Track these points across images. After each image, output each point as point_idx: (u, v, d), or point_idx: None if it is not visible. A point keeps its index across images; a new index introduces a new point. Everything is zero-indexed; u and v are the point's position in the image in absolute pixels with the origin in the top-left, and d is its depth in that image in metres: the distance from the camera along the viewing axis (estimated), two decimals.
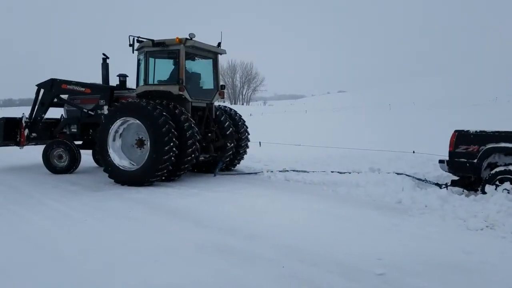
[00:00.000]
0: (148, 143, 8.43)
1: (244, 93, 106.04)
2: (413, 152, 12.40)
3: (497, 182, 6.67)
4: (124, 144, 9.09)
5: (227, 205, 6.68)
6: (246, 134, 10.89)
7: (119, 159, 8.79)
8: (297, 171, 9.81)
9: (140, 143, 8.99)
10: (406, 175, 8.66)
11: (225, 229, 5.37)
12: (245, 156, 11.17)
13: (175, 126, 8.41)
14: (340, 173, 9.35)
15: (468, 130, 7.29)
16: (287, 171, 9.88)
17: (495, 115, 24.32)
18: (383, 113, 35.22)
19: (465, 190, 7.44)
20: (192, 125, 8.71)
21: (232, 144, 10.27)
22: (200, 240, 4.94)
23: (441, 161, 7.64)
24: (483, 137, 7.06)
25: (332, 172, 9.48)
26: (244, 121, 11.03)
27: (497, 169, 6.76)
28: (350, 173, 9.20)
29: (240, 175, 10.01)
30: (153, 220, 5.87)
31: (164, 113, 8.35)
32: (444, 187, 7.62)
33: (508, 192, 6.43)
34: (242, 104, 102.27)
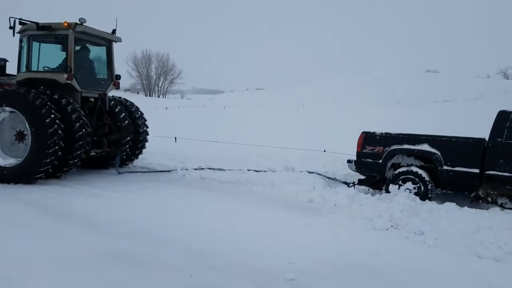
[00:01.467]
0: (30, 137, 7.58)
1: (160, 85, 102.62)
2: (324, 151, 12.83)
3: (400, 182, 7.06)
4: (3, 139, 8.11)
5: (132, 207, 6.20)
6: (145, 127, 10.25)
7: (3, 160, 7.82)
8: (213, 169, 9.54)
9: (20, 137, 8.00)
10: (317, 173, 8.85)
11: (127, 233, 4.94)
12: (156, 151, 10.60)
13: (61, 117, 7.64)
14: (256, 171, 9.28)
15: (374, 132, 7.62)
16: (203, 169, 9.56)
17: (398, 116, 26.42)
18: (298, 112, 36.44)
19: (370, 189, 7.80)
20: (81, 116, 8.00)
21: (128, 138, 9.55)
22: (97, 246, 4.45)
23: (349, 161, 7.92)
24: (387, 138, 7.43)
25: (248, 170, 9.37)
26: (142, 113, 10.37)
27: (400, 170, 7.16)
28: (265, 171, 9.17)
29: (151, 173, 9.46)
30: (44, 225, 5.19)
31: (48, 103, 7.56)
32: (351, 186, 7.92)
33: (410, 192, 6.84)
34: (158, 96, 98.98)
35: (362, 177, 8.03)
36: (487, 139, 6.73)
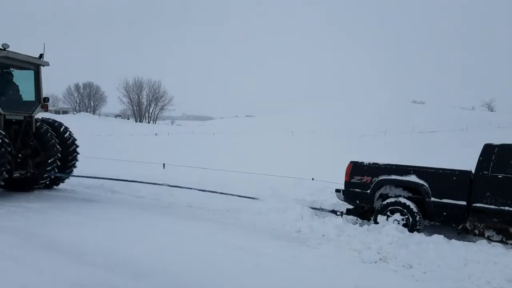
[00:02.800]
0: None
1: (150, 111, 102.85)
2: (312, 179, 12.81)
3: (388, 213, 7.04)
4: None
5: (115, 236, 6.04)
6: (74, 146, 10.48)
7: None
8: (204, 190, 9.47)
9: None
10: (314, 207, 8.78)
11: (107, 264, 4.77)
12: (144, 178, 10.49)
13: None
14: (243, 197, 9.18)
15: (363, 162, 7.65)
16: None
17: (386, 146, 26.69)
18: (286, 139, 36.60)
19: (358, 219, 7.76)
20: (1, 137, 8.12)
21: (54, 158, 9.71)
22: (79, 278, 4.28)
23: (337, 190, 7.90)
24: (375, 169, 7.45)
25: (239, 196, 9.24)
26: (72, 133, 10.60)
27: (388, 200, 7.15)
28: (253, 198, 9.08)
29: (136, 201, 9.26)
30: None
31: None
32: (339, 215, 7.88)
33: (398, 223, 6.82)
34: (148, 122, 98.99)
35: (350, 206, 8.00)
36: (473, 171, 6.80)
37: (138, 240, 5.96)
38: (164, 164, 15.49)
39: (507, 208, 6.22)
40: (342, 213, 7.98)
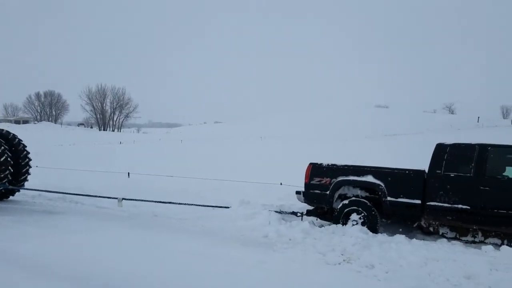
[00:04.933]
0: None
1: (115, 119, 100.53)
2: (281, 183, 12.91)
3: (347, 213, 7.23)
4: None
5: (81, 248, 5.87)
6: (27, 159, 10.50)
7: None
8: (163, 202, 9.19)
9: None
10: (276, 211, 8.83)
11: (73, 277, 4.63)
12: (108, 188, 10.26)
13: None
14: (206, 206, 9.09)
15: (322, 163, 7.79)
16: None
17: (352, 148, 27.24)
18: (255, 145, 36.70)
19: (319, 220, 7.90)
20: None
21: (7, 172, 9.62)
22: None
23: (298, 192, 8.01)
24: (334, 170, 7.61)
25: (202, 206, 9.17)
26: (25, 145, 10.56)
27: (346, 201, 7.33)
28: (220, 207, 9.03)
29: (102, 212, 9.03)
30: None
31: None
32: (299, 216, 7.98)
33: (356, 223, 6.99)
34: (113, 130, 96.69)
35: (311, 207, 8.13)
36: (427, 170, 7.05)
37: (105, 251, 5.81)
38: (129, 173, 15.20)
39: (459, 205, 6.49)
40: (302, 214, 8.09)
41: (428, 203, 6.75)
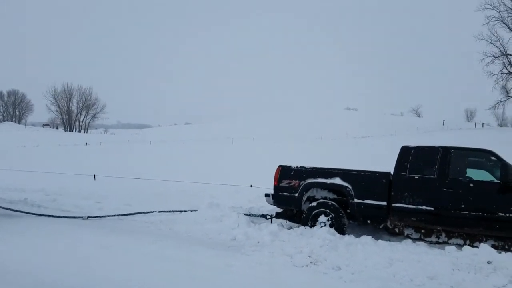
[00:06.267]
0: None
1: (81, 120, 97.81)
2: (251, 186, 12.87)
3: (315, 215, 7.27)
4: None
5: (41, 253, 5.64)
6: None
7: None
8: (131, 214, 8.65)
9: None
10: (245, 213, 8.76)
11: (32, 284, 4.41)
12: (72, 191, 9.91)
13: None
14: (172, 211, 8.89)
15: (290, 166, 7.81)
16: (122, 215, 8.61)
17: (322, 151, 27.57)
18: (226, 147, 36.55)
19: (288, 223, 7.89)
20: None
21: None
22: None
23: (267, 195, 8.00)
24: (303, 172, 7.64)
25: (159, 212, 8.86)
26: None
27: (314, 203, 7.37)
28: (185, 211, 8.80)
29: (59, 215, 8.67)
30: None
31: None
32: (269, 219, 7.97)
33: (324, 224, 7.03)
34: (79, 131, 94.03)
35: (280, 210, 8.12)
36: (392, 173, 7.17)
37: (66, 256, 5.59)
38: (94, 175, 14.78)
39: (423, 207, 6.64)
40: (271, 217, 8.08)
41: (393, 205, 6.86)
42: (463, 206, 6.41)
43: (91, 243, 6.36)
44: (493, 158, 6.63)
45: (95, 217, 8.43)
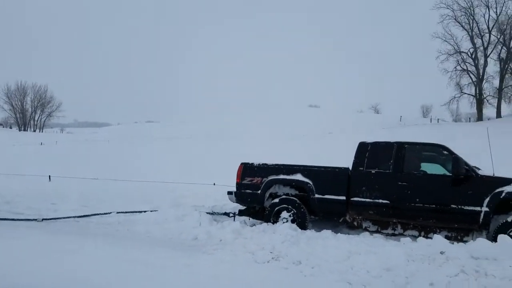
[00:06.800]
0: None
1: (36, 119, 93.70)
2: (214, 184, 12.79)
3: (277, 211, 7.35)
4: None
5: None
6: None
7: None
8: (88, 216, 8.36)
9: None
10: (208, 212, 8.68)
11: None
12: (26, 193, 9.48)
13: None
14: (131, 212, 8.68)
15: (253, 163, 7.84)
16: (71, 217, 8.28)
17: (286, 148, 27.76)
18: (189, 145, 36.14)
19: (251, 220, 7.92)
20: None
21: None
22: None
23: (229, 193, 8.00)
24: (265, 169, 7.69)
25: (117, 213, 8.61)
26: None
27: (276, 199, 7.44)
28: (145, 211, 8.59)
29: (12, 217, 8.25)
30: None
31: None
32: (232, 217, 7.97)
33: (286, 220, 7.11)
34: (34, 130, 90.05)
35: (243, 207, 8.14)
36: (351, 168, 7.34)
37: (14, 261, 5.27)
38: (50, 176, 14.19)
39: (380, 200, 6.86)
40: (234, 214, 8.08)
41: (352, 199, 7.03)
42: (417, 199, 6.65)
43: (43, 246, 6.06)
44: (445, 152, 6.92)
45: (50, 219, 8.11)
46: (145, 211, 8.45)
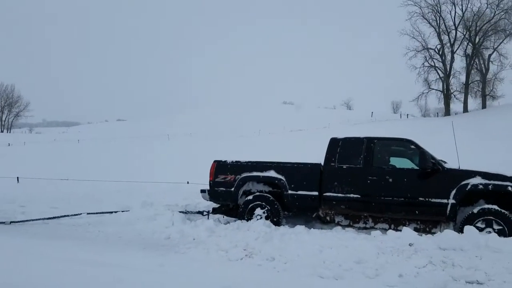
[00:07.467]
0: None
1: (3, 119, 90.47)
2: (188, 182, 12.70)
3: (251, 208, 7.37)
4: None
5: None
6: None
7: None
8: (56, 217, 8.08)
9: None
10: (181, 211, 8.61)
11: None
12: None
13: None
14: (102, 212, 8.49)
15: (226, 161, 7.82)
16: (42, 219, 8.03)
17: (261, 145, 27.85)
18: (162, 143, 35.71)
19: (225, 218, 7.90)
20: None
21: None
22: None
23: (202, 191, 7.95)
24: (238, 166, 7.68)
25: (88, 214, 8.42)
26: None
27: (249, 197, 7.48)
28: (116, 212, 8.42)
29: None
30: None
31: None
32: (206, 215, 7.93)
33: (260, 217, 7.14)
34: (1, 131, 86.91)
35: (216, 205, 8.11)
36: (323, 163, 7.43)
37: None
38: (18, 177, 13.74)
39: (351, 195, 6.97)
40: (208, 213, 8.05)
41: (324, 194, 7.11)
42: (387, 192, 6.80)
43: (7, 249, 5.84)
44: (412, 146, 7.09)
45: (18, 221, 7.84)
46: (116, 212, 8.30)
